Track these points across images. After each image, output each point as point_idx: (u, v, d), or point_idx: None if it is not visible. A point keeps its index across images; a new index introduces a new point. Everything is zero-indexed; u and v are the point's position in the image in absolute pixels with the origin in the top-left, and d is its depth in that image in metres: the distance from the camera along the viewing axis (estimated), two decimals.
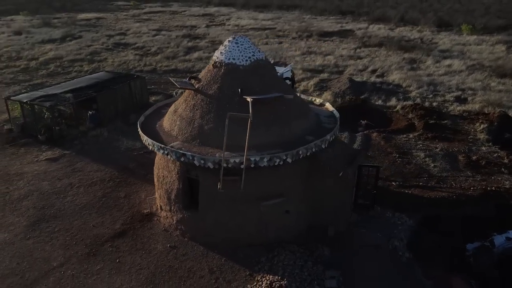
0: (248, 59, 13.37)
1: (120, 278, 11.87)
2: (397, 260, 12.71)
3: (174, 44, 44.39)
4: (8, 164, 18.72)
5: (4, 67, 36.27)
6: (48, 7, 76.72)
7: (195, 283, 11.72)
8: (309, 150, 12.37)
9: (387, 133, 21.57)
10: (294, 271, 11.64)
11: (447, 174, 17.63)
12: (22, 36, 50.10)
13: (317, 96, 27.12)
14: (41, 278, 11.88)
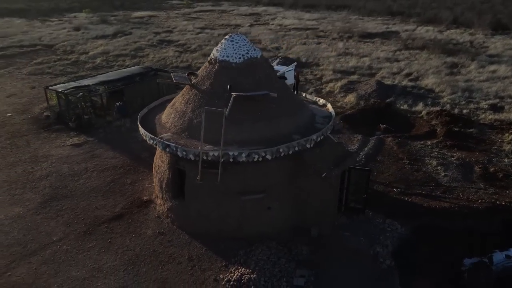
0: (241, 56, 13.74)
1: (106, 257, 12.81)
2: (376, 266, 12.44)
3: (213, 42, 45.59)
4: (38, 147, 20.63)
5: (57, 59, 39.50)
6: (108, 6, 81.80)
7: (172, 268, 12.35)
8: (291, 148, 12.49)
9: (403, 139, 20.85)
10: (265, 266, 11.86)
11: (456, 184, 16.78)
12: (79, 32, 54.03)
13: (341, 98, 26.90)
14: (40, 250, 13.14)
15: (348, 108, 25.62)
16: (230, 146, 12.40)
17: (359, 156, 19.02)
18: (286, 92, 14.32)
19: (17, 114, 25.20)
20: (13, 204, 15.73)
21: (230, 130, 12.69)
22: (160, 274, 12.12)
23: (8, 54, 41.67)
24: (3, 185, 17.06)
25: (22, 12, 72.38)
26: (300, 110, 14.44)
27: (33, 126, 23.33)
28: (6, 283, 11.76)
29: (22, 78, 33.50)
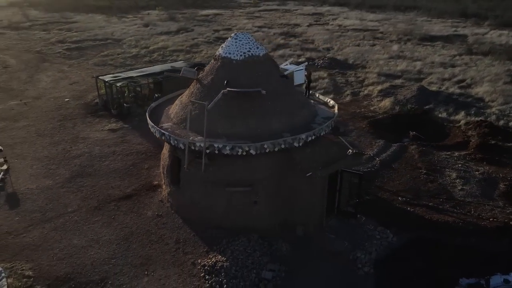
0: (242, 54, 14.26)
1: (106, 231, 14.18)
2: (352, 271, 12.25)
3: (267, 41, 46.34)
4: (81, 130, 23.02)
5: (121, 52, 43.02)
6: (180, 4, 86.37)
7: (158, 248, 13.32)
8: (277, 145, 12.77)
9: (429, 147, 19.81)
10: (239, 256, 12.31)
11: (471, 199, 15.68)
12: (147, 28, 58.02)
13: (376, 102, 26.11)
14: (54, 218, 14.92)
15: (381, 112, 24.79)
16: (219, 139, 13.03)
17: (375, 162, 18.52)
18: (285, 91, 14.53)
19: (73, 100, 28.17)
20: (46, 177, 17.90)
21: (222, 124, 13.34)
22: (146, 252, 13.16)
23: (82, 47, 46.23)
24: (43, 160, 19.42)
25: (104, 9, 79.18)
26: (300, 109, 14.57)
27: (83, 111, 25.98)
28: (19, 242, 13.60)
29: (87, 68, 37.10)
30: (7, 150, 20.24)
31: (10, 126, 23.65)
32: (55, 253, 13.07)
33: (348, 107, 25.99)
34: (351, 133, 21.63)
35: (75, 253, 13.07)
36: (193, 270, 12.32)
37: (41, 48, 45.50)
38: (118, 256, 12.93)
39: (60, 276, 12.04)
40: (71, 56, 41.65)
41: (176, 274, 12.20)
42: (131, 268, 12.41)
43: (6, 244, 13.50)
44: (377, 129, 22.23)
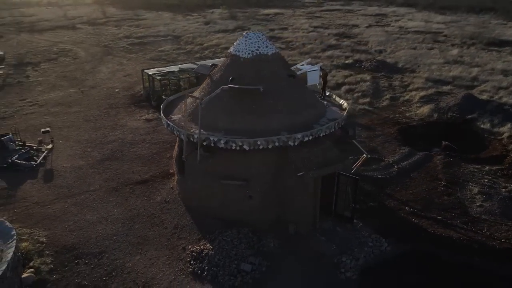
0: (250, 52, 14.65)
1: (116, 210, 15.45)
2: (333, 275, 12.12)
3: (319, 41, 45.96)
4: (121, 118, 24.98)
5: (176, 48, 45.41)
6: (244, 3, 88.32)
7: (157, 231, 14.25)
8: (271, 143, 13.01)
9: (457, 159, 18.59)
10: (225, 247, 12.78)
11: (487, 217, 14.56)
12: (207, 26, 60.40)
13: (415, 108, 24.97)
14: (77, 195, 16.56)
15: (416, 119, 23.62)
16: (218, 133, 13.59)
17: (392, 169, 17.87)
18: (292, 91, 14.64)
19: (122, 90, 30.53)
20: (81, 158, 19.82)
21: (222, 119, 13.90)
22: (146, 233, 14.15)
23: (144, 42, 49.48)
24: (82, 143, 21.48)
25: (174, 7, 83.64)
26: (305, 109, 14.62)
27: (128, 101, 28.09)
28: (43, 212, 15.35)
29: (143, 62, 39.74)
30: (55, 131, 22.71)
31: (64, 111, 26.36)
32: (69, 225, 14.58)
33: (382, 111, 25.13)
34: (375, 138, 20.99)
35: (85, 226, 14.47)
36: (182, 254, 13.04)
37: (108, 42, 49.50)
38: (120, 234, 14.08)
39: (66, 245, 13.45)
40: (132, 51, 44.82)
41: (165, 256, 13.02)
42: (128, 246, 13.46)
43: (32, 213, 15.33)
44: (407, 136, 21.30)
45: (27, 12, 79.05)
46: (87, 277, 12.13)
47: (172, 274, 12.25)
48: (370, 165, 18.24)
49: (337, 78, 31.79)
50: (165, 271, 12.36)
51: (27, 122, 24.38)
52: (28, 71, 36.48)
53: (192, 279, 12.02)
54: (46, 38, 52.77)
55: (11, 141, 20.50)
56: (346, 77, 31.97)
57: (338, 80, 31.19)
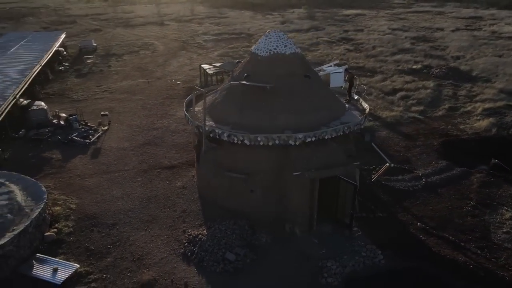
0: (268, 51, 14.99)
1: (139, 190, 16.97)
2: (314, 278, 11.99)
3: (391, 44, 43.88)
4: (172, 108, 26.93)
5: (245, 46, 46.85)
6: (327, 3, 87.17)
7: (166, 212, 15.39)
8: (271, 140, 13.27)
9: (501, 180, 16.79)
10: (217, 235, 13.39)
11: (511, 246, 13.03)
12: (282, 25, 61.13)
13: (473, 121, 23.00)
14: (112, 172, 18.50)
15: (469, 133, 21.62)
16: (226, 126, 14.25)
17: (419, 182, 16.81)
18: (305, 91, 14.64)
19: (183, 83, 32.73)
20: (127, 140, 21.96)
21: (231, 113, 14.52)
22: (157, 213, 15.38)
23: (218, 39, 51.98)
24: (133, 127, 23.73)
25: (257, 6, 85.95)
26: (317, 110, 14.52)
27: (184, 93, 30.04)
28: (80, 184, 17.50)
29: (211, 57, 41.85)
30: (114, 115, 25.39)
31: (128, 98, 29.21)
32: (97, 197, 16.46)
33: (433, 121, 23.44)
34: (413, 149, 19.78)
35: (108, 200, 16.22)
36: (180, 236, 13.98)
37: (186, 38, 52.91)
38: (134, 210, 15.52)
39: (89, 214, 15.26)
40: (205, 47, 47.41)
41: (166, 235, 14.08)
42: (138, 222, 14.81)
43: (72, 183, 17.58)
44: (452, 150, 19.68)
45: (128, 9, 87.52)
46: (95, 243, 13.70)
47: (165, 252, 13.25)
48: (397, 175, 17.37)
49: (396, 83, 30.25)
50: (160, 249, 13.42)
51: (95, 106, 27.55)
52: (111, 61, 40.83)
53: (181, 260, 12.88)
54: (136, 33, 58.13)
55: (76, 121, 23.50)
56: (407, 83, 30.27)
57: (396, 86, 29.68)
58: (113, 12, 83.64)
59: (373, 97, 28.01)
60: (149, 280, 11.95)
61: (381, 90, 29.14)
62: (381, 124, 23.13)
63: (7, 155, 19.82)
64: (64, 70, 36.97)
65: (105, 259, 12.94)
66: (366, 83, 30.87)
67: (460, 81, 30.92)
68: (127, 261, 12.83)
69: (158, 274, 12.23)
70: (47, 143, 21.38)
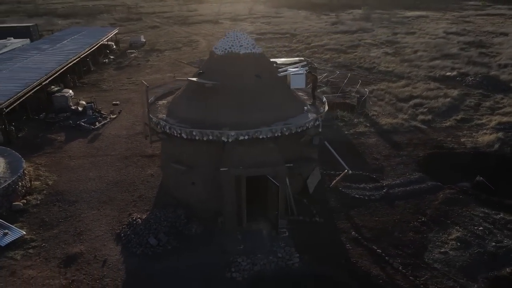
0: (224, 50, 15.44)
1: (112, 173, 18.37)
2: (221, 271, 12.28)
3: (436, 50, 41.12)
4: None
5: (283, 46, 47.06)
6: (391, 4, 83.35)
7: (125, 196, 16.55)
8: (205, 135, 13.77)
9: (470, 198, 15.45)
10: (151, 220, 14.26)
11: (440, 267, 12.10)
12: (332, 26, 60.06)
13: (480, 135, 21.24)
14: (99, 156, 20.22)
15: (469, 147, 19.88)
16: (173, 120, 15.03)
17: (379, 192, 16.10)
18: (252, 91, 14.84)
19: None
20: (126, 129, 23.67)
21: (183, 108, 15.26)
22: (116, 195, 16.63)
23: (261, 38, 52.74)
24: (137, 117, 25.36)
25: (318, 6, 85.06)
26: (264, 110, 14.62)
27: None
28: (67, 164, 19.41)
29: None
30: (128, 106, 27.48)
31: None
32: (74, 176, 18.23)
33: (434, 132, 21.90)
34: (393, 158, 18.80)
35: (82, 180, 17.90)
36: (124, 218, 15.06)
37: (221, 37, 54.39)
38: (98, 191, 16.98)
39: (58, 190, 17.03)
40: None
41: (112, 216, 15.27)
42: (95, 202, 16.21)
43: (60, 162, 19.60)
44: (437, 163, 18.38)
45: (192, 7, 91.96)
46: (51, 216, 15.35)
47: (104, 231, 14.44)
48: (359, 183, 16.77)
49: (417, 90, 28.54)
50: (101, 227, 14.64)
51: (117, 96, 29.97)
52: (151, 56, 43.68)
53: (112, 239, 13.96)
54: (188, 30, 61.14)
55: (90, 109, 25.93)
56: (428, 90, 28.41)
57: (415, 93, 28.02)
58: (179, 10, 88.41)
59: (383, 102, 26.84)
60: (76, 253, 13.21)
61: (396, 96, 27.73)
62: (375, 130, 22.20)
63: (21, 134, 22.63)
64: (108, 62, 40.46)
65: (52, 230, 14.48)
66: (384, 87, 29.60)
67: (493, 91, 28.23)
68: (68, 235, 14.24)
69: (86, 249, 13.44)
70: (59, 127, 23.95)
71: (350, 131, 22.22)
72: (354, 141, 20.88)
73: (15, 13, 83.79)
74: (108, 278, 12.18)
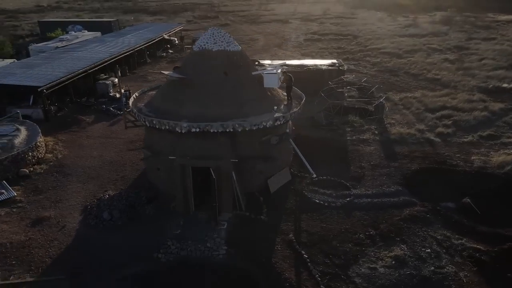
0: (199, 47, 16.23)
1: (112, 154, 20.30)
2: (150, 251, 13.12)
3: (504, 60, 36.66)
4: None
5: (337, 47, 45.94)
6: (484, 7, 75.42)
7: (111, 175, 18.25)
8: (163, 125, 14.77)
9: (437, 219, 14.14)
10: (115, 198, 15.68)
11: (359, 282, 11.45)
12: (403, 29, 56.65)
13: (498, 154, 19.11)
14: (109, 138, 22.41)
15: (475, 167, 17.83)
16: (147, 109, 16.26)
17: (342, 200, 15.50)
18: (218, 87, 15.37)
19: None
20: None
21: (157, 100, 16.44)
22: (103, 174, 18.36)
23: (321, 39, 52.10)
24: None
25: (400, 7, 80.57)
26: (226, 106, 15.11)
27: None
28: (81, 142, 21.92)
29: (292, 56, 42.74)
30: None
31: None
32: (80, 153, 20.54)
33: (446, 146, 20.01)
34: (379, 169, 17.73)
35: (84, 156, 20.12)
36: (99, 194, 16.68)
37: (290, 36, 54.44)
38: (91, 168, 18.96)
39: (62, 164, 19.40)
40: (300, 45, 48.35)
41: (90, 190, 16.99)
42: (84, 176, 18.17)
43: (76, 140, 22.12)
44: (424, 179, 16.93)
45: (270, 7, 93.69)
46: (45, 184, 17.66)
47: (77, 202, 16.23)
48: (327, 189, 16.28)
49: (455, 101, 26.03)
50: (77, 199, 16.47)
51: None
52: None
53: (78, 210, 15.65)
54: (254, 29, 62.64)
55: (124, 96, 28.61)
56: (468, 102, 25.75)
57: (450, 103, 25.62)
58: (257, 9, 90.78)
59: (408, 111, 25.08)
60: (45, 216, 15.17)
61: (426, 105, 25.66)
62: (380, 139, 20.99)
63: (60, 113, 26.02)
64: (165, 56, 43.72)
65: (39, 195, 16.75)
66: (418, 95, 27.54)
67: None
68: (48, 201, 16.35)
69: (55, 215, 15.33)
70: (93, 110, 26.96)
71: (353, 137, 21.34)
72: (350, 148, 20.07)
73: (114, 9, 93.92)
74: (57, 241, 13.86)
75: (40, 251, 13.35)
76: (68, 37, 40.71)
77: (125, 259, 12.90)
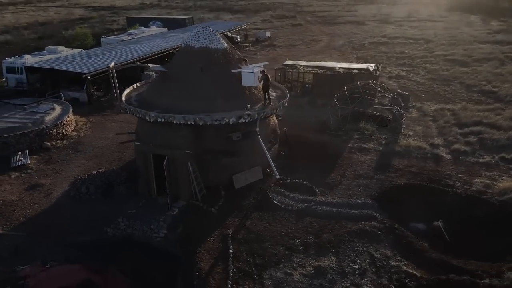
0: (185, 43, 17.09)
1: (122, 137, 22.37)
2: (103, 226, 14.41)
3: None
4: None
5: (397, 52, 42.96)
6: None
7: (112, 155, 20.18)
8: (135, 113, 15.98)
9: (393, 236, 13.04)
10: (98, 176, 17.35)
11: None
12: (489, 35, 50.90)
13: (507, 180, 17.03)
14: (130, 123, 24.57)
15: (473, 190, 15.82)
16: (133, 99, 17.69)
17: (302, 205, 15.14)
18: (191, 81, 16.07)
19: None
20: None
21: (147, 91, 17.75)
22: (107, 153, 20.40)
23: (385, 42, 49.32)
24: None
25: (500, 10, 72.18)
26: (196, 100, 15.78)
27: None
28: (105, 124, 24.36)
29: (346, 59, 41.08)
30: None
31: None
32: (99, 134, 22.90)
33: (453, 165, 18.05)
34: (360, 180, 16.72)
35: (101, 137, 22.40)
36: (93, 170, 18.62)
37: (355, 38, 52.36)
38: (100, 148, 21.07)
39: (80, 141, 21.92)
40: (361, 48, 46.42)
41: (89, 167, 18.96)
42: (91, 155, 20.34)
43: (103, 122, 24.67)
44: (404, 196, 15.59)
45: (352, 8, 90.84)
46: (57, 157, 20.16)
47: (72, 175, 18.30)
48: (294, 192, 15.98)
49: (498, 117, 23.02)
50: (74, 172, 18.56)
51: None
52: (263, 50, 46.73)
53: (69, 182, 17.67)
54: (324, 30, 61.56)
55: None
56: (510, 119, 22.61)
57: (490, 119, 22.78)
58: (339, 10, 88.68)
59: (435, 124, 22.96)
60: (40, 183, 17.51)
61: (458, 119, 23.14)
62: (382, 149, 19.66)
63: (103, 98, 29.18)
64: None
65: (47, 166, 19.30)
66: (458, 108, 24.92)
67: None
68: (52, 171, 18.76)
69: (48, 183, 17.57)
70: None
71: (355, 144, 20.32)
72: (344, 155, 19.19)
73: (204, 7, 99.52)
74: (38, 205, 15.99)
75: (20, 211, 15.58)
76: (136, 31, 44.83)
77: (80, 229, 14.41)
